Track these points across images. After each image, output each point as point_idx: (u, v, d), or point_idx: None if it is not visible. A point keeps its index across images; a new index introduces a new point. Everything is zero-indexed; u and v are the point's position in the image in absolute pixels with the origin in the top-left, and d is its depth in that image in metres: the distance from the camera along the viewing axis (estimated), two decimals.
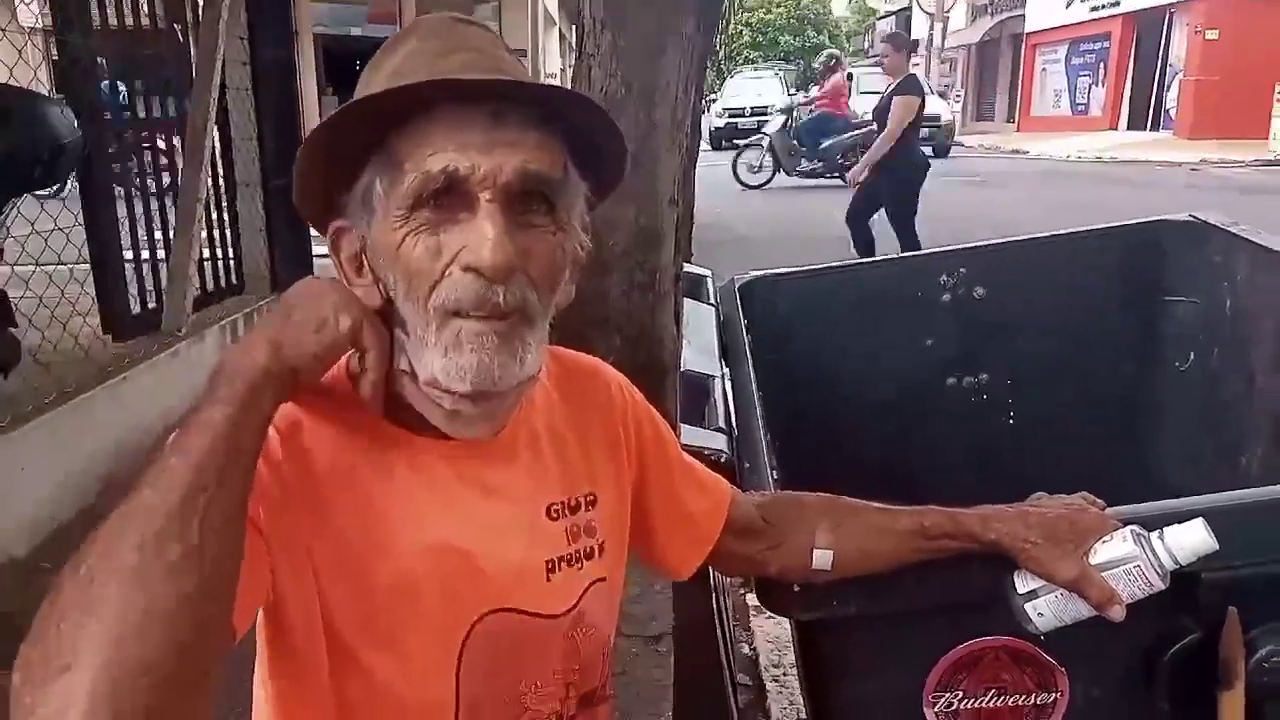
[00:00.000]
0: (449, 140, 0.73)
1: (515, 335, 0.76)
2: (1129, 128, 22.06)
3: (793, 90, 22.20)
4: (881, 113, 6.74)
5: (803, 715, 2.22)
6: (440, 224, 0.74)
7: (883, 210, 6.61)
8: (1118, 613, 0.92)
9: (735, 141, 21.03)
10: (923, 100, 6.55)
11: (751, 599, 2.69)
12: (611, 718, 0.95)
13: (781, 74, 23.47)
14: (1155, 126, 21.34)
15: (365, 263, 0.79)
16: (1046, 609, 0.95)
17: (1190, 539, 0.92)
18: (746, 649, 2.57)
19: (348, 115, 0.75)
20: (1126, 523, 0.96)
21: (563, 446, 0.90)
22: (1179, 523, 0.94)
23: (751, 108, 20.94)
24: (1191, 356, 2.03)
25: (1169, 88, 21.00)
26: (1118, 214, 2.15)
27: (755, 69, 26.65)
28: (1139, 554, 0.92)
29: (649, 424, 0.99)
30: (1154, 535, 0.94)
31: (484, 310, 0.74)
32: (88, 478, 3.14)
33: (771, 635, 2.58)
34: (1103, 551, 0.94)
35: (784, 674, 2.44)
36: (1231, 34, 18.22)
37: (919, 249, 5.59)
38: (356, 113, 0.75)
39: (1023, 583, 0.97)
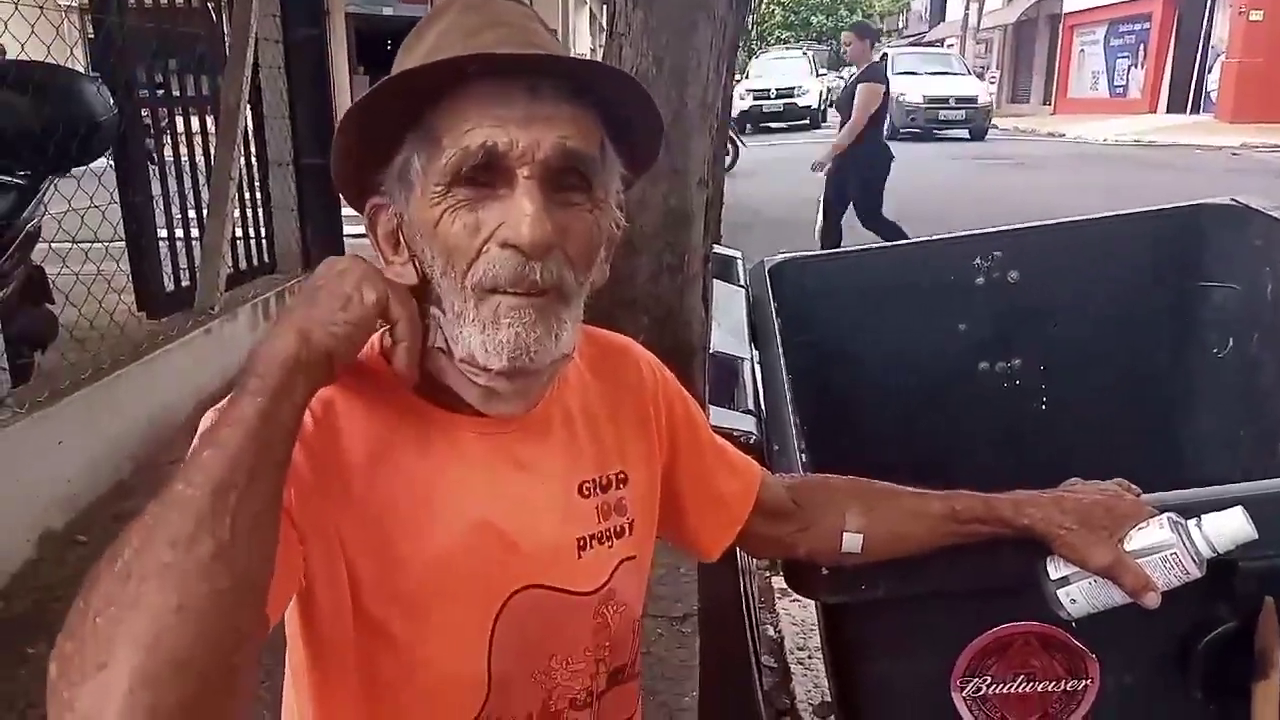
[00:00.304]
0: (486, 115, 0.73)
1: (551, 312, 0.76)
2: (1169, 110, 21.66)
3: (822, 70, 21.41)
4: (845, 102, 6.70)
5: (827, 698, 2.22)
6: (478, 200, 0.74)
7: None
8: (1153, 600, 0.90)
9: (762, 125, 20.36)
10: (886, 87, 6.54)
11: (777, 582, 2.69)
12: (639, 694, 0.95)
13: (811, 54, 22.26)
14: (1196, 109, 20.93)
15: (402, 239, 0.79)
16: (1079, 595, 0.94)
17: (1229, 527, 0.91)
18: (771, 632, 2.57)
19: (383, 93, 0.75)
20: (1163, 509, 0.95)
21: (595, 425, 0.90)
22: (1217, 510, 0.93)
23: (777, 89, 19.81)
24: (1230, 342, 1.99)
25: (1210, 70, 20.57)
26: (1158, 198, 2.11)
27: (785, 48, 25.43)
28: (1175, 541, 0.91)
29: (680, 404, 0.99)
30: (1191, 523, 0.92)
31: (521, 287, 0.74)
32: (122, 452, 3.20)
33: (797, 618, 2.58)
34: (1138, 538, 0.92)
35: (809, 657, 2.44)
36: (1276, 15, 17.79)
37: (903, 235, 5.51)
38: (392, 90, 0.75)
39: (1055, 569, 0.96)
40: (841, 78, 18.64)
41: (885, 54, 21.46)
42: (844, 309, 2.00)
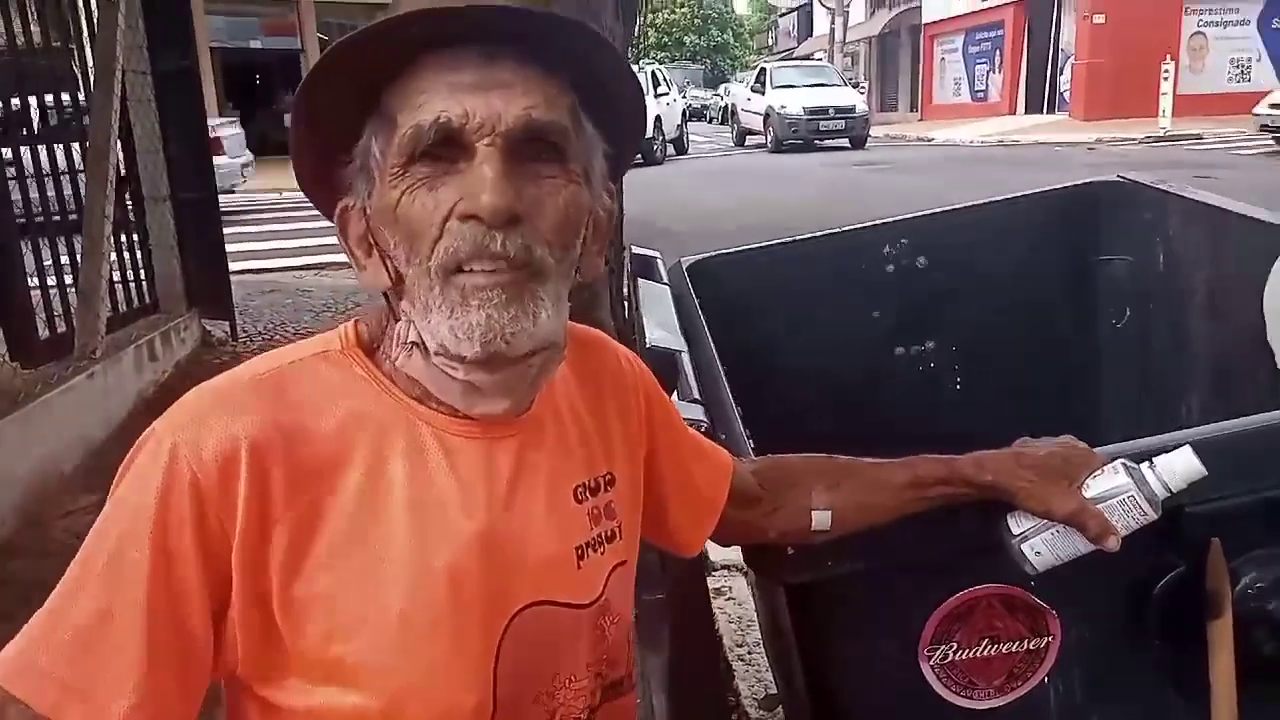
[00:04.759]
0: (439, 85, 0.68)
1: (525, 290, 0.69)
2: (1027, 111, 22.78)
3: (663, 89, 17.71)
4: None
5: (772, 690, 2.22)
6: (438, 177, 0.69)
7: None
8: (1114, 544, 0.92)
9: None
10: None
11: (712, 582, 2.68)
12: (636, 706, 0.90)
13: (655, 70, 19.25)
14: (1052, 109, 22.08)
15: (371, 239, 0.74)
16: (1043, 547, 0.95)
17: (1180, 466, 0.93)
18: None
19: (326, 70, 0.69)
20: (1114, 457, 0.97)
21: (582, 425, 0.85)
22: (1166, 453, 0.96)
23: None
24: (1127, 313, 2.08)
25: (1062, 71, 21.75)
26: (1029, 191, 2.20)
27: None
28: (1131, 485, 0.93)
29: (656, 396, 0.95)
30: (1144, 466, 0.95)
31: (485, 260, 0.68)
32: (3, 511, 2.99)
33: (734, 615, 2.57)
34: (1095, 485, 0.94)
35: (749, 653, 2.43)
36: (1118, 17, 18.94)
37: None
38: (334, 67, 0.69)
39: (1016, 524, 0.97)
40: (719, 95, 18.76)
41: (764, 68, 21.65)
42: (763, 302, 2.01)
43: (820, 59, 29.02)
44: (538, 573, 0.77)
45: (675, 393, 1.27)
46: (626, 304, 3.18)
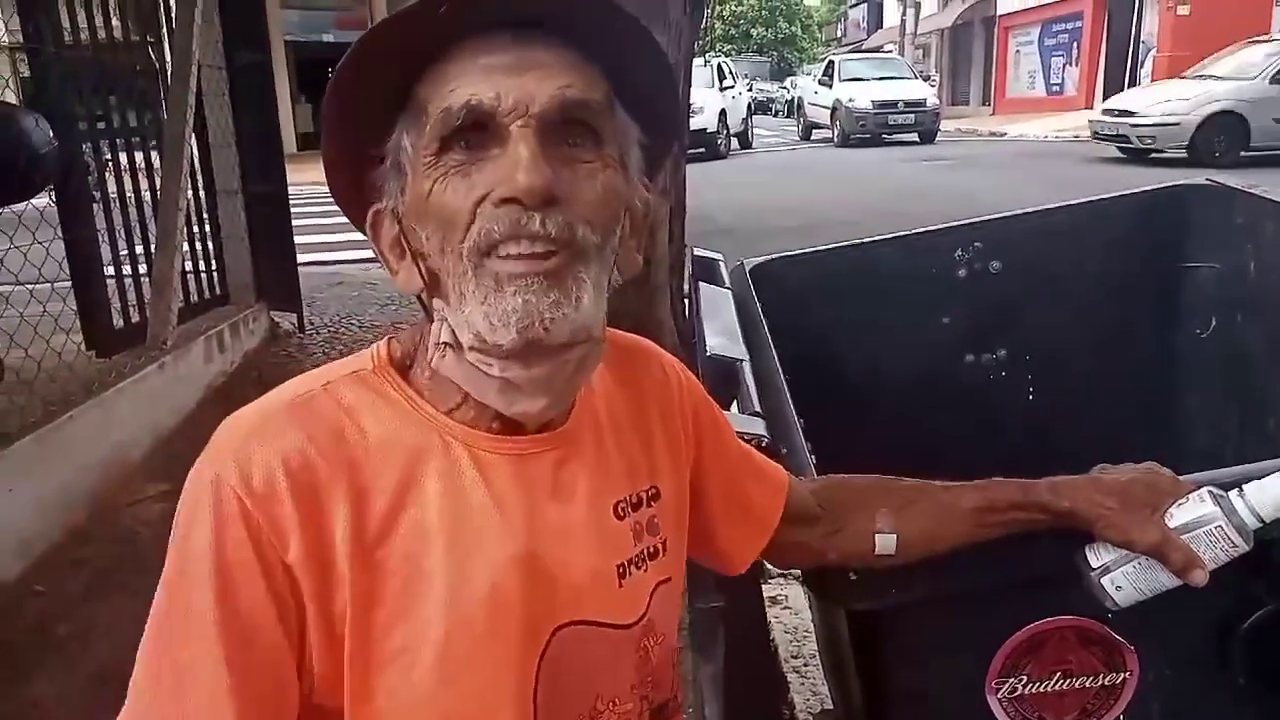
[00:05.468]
0: (472, 66, 0.66)
1: (567, 272, 0.66)
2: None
3: (728, 82, 17.72)
4: None
5: (827, 705, 2.17)
6: (471, 164, 0.67)
7: None
8: (1201, 578, 0.86)
9: None
10: None
11: (767, 590, 2.63)
12: None
13: (719, 62, 19.14)
14: None
15: (403, 241, 0.72)
16: (1125, 581, 0.90)
17: (1273, 492, 0.87)
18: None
19: (362, 56, 0.67)
20: (1201, 485, 0.91)
21: (622, 436, 0.82)
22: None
23: None
24: (1213, 322, 1.98)
25: (1142, 64, 21.07)
26: (1104, 189, 2.11)
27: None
28: (1219, 514, 0.87)
29: (705, 407, 0.92)
30: (1233, 494, 0.88)
31: (522, 240, 0.65)
32: (76, 497, 3.06)
33: (789, 625, 2.53)
34: (1179, 515, 0.88)
35: (804, 665, 2.38)
36: (1204, 8, 18.28)
37: None
38: (371, 55, 0.67)
39: (1095, 557, 0.91)
40: (786, 88, 18.54)
41: (831, 61, 21.35)
42: (829, 306, 1.96)
43: (890, 51, 28.53)
44: (577, 592, 0.74)
45: (735, 404, 1.23)
46: (686, 302, 3.15)
